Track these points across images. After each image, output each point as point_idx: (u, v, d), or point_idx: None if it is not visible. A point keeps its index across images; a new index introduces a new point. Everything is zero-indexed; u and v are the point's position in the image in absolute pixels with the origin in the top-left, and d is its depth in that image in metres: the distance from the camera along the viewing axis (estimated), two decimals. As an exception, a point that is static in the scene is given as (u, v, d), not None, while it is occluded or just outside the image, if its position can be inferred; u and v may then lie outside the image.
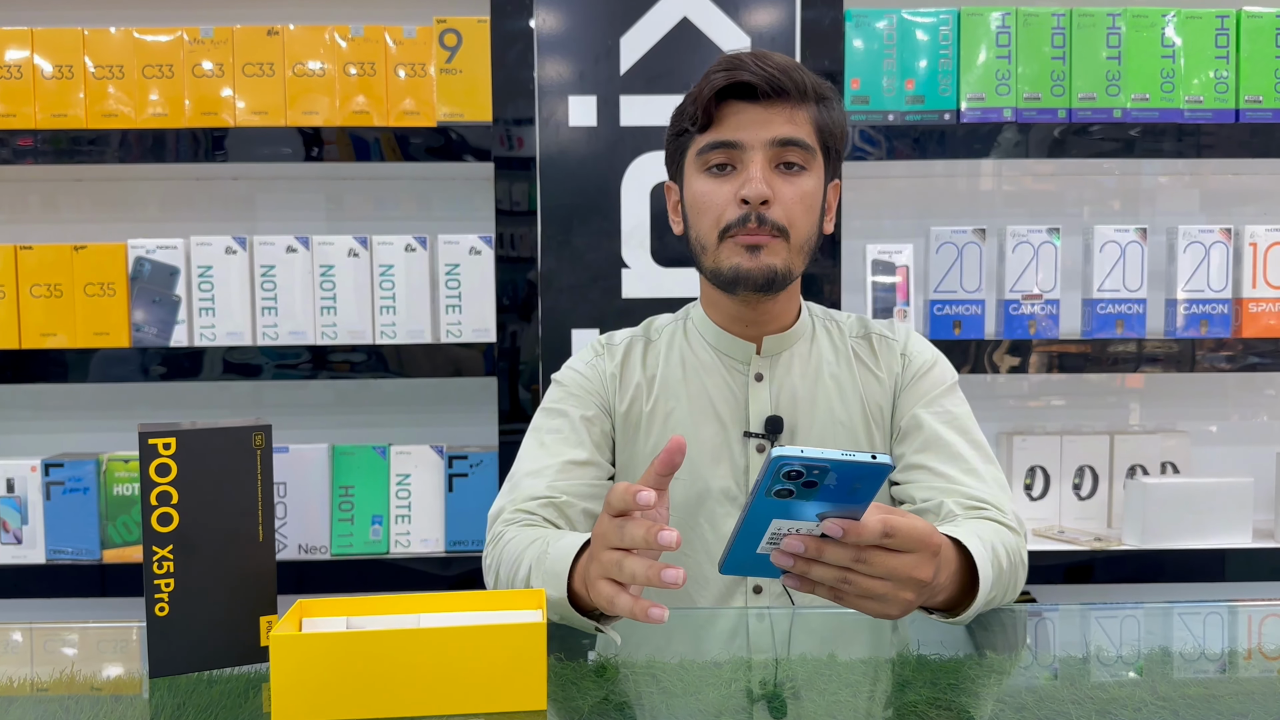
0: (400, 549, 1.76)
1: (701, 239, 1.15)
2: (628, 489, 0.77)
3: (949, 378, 1.22)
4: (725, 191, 1.11)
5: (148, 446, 0.78)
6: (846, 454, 0.67)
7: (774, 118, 1.10)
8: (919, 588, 0.79)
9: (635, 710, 0.78)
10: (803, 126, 1.11)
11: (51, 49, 1.70)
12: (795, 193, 1.11)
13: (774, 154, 1.11)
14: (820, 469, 0.67)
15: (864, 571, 0.77)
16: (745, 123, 1.10)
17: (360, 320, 1.74)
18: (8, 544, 1.74)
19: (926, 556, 0.79)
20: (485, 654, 0.73)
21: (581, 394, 1.21)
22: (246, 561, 0.82)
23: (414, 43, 1.71)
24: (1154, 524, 1.75)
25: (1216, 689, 0.83)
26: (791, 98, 1.10)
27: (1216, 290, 1.78)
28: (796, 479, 0.68)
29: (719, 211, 1.12)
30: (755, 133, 1.10)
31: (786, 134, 1.10)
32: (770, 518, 0.72)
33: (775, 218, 1.10)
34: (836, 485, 0.69)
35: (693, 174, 1.15)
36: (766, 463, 0.68)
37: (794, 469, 0.67)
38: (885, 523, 0.75)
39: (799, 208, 1.12)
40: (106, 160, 1.70)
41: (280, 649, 0.72)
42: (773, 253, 1.11)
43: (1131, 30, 1.74)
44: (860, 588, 0.77)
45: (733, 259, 1.12)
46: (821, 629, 1.02)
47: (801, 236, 1.13)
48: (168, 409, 1.96)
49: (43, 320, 1.72)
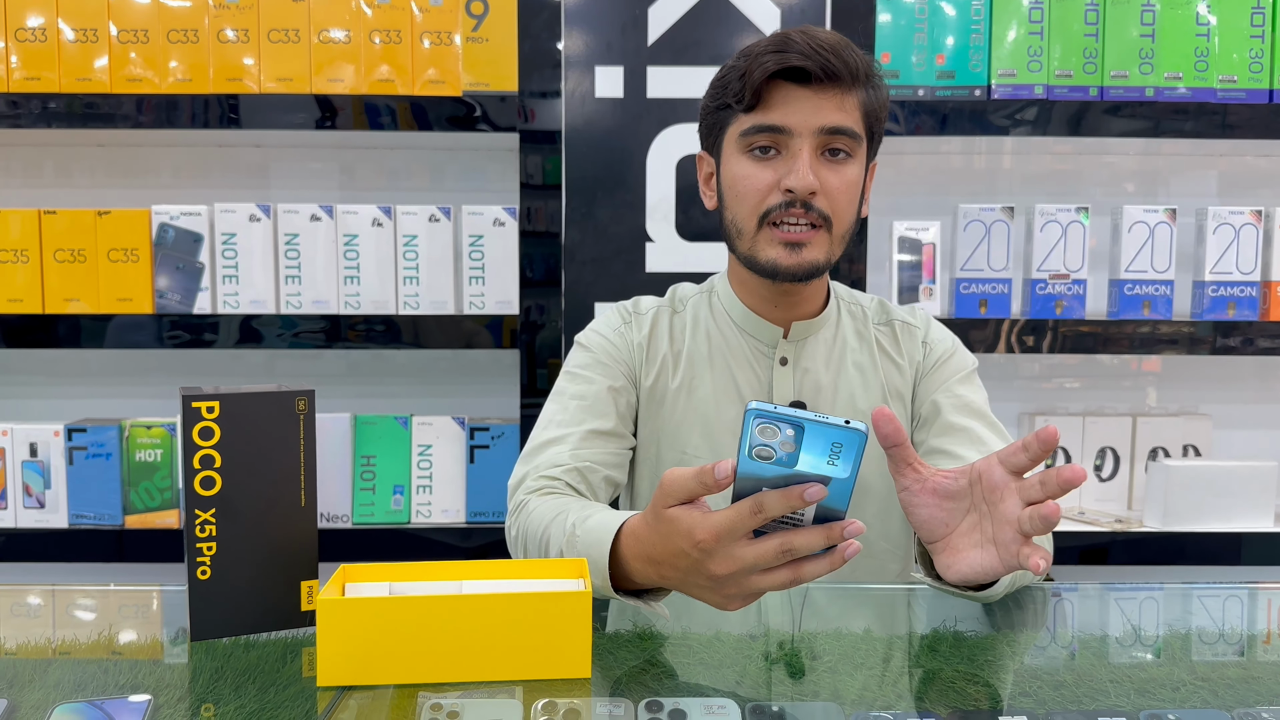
0: (421, 519, 1.76)
1: (739, 223, 1.12)
2: (692, 475, 0.73)
3: (968, 364, 1.23)
4: (768, 177, 1.09)
5: (190, 410, 0.77)
6: (820, 416, 0.67)
7: (824, 104, 1.07)
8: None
9: (675, 679, 0.78)
10: (851, 113, 1.08)
11: (75, 13, 1.69)
12: (841, 182, 1.09)
13: (821, 141, 1.08)
14: (794, 428, 0.67)
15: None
16: (794, 108, 1.07)
17: (383, 290, 1.73)
18: (31, 508, 1.74)
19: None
20: (531, 621, 0.73)
21: (610, 362, 1.20)
22: (288, 526, 0.82)
23: (440, 11, 1.70)
24: (1175, 506, 1.75)
25: (1255, 670, 0.82)
26: (843, 82, 1.07)
27: (1245, 272, 1.76)
28: (773, 438, 0.67)
29: (760, 197, 1.09)
30: (804, 119, 1.07)
31: (836, 122, 1.07)
32: (759, 486, 0.71)
33: (820, 207, 1.08)
34: (814, 450, 0.68)
35: (733, 153, 1.12)
36: (745, 418, 0.67)
37: (769, 425, 0.67)
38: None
39: (843, 198, 1.10)
40: (130, 125, 1.69)
41: (327, 612, 0.72)
42: (814, 247, 1.09)
43: (1165, 8, 1.72)
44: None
45: (769, 252, 1.10)
46: (829, 605, 1.01)
47: (844, 226, 1.12)
48: (189, 376, 1.96)
49: (66, 285, 1.72)
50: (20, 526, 1.74)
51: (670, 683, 0.77)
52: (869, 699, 0.74)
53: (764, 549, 0.72)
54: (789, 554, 0.72)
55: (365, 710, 0.72)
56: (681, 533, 0.75)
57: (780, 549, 0.72)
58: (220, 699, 0.73)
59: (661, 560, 0.79)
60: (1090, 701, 0.74)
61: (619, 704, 0.71)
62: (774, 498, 0.69)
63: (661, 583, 0.83)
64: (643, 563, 0.83)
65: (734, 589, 0.76)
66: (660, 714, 0.69)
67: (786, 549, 0.72)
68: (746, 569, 0.73)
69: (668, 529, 0.77)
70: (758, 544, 0.72)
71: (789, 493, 0.69)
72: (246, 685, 0.75)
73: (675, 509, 0.76)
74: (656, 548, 0.79)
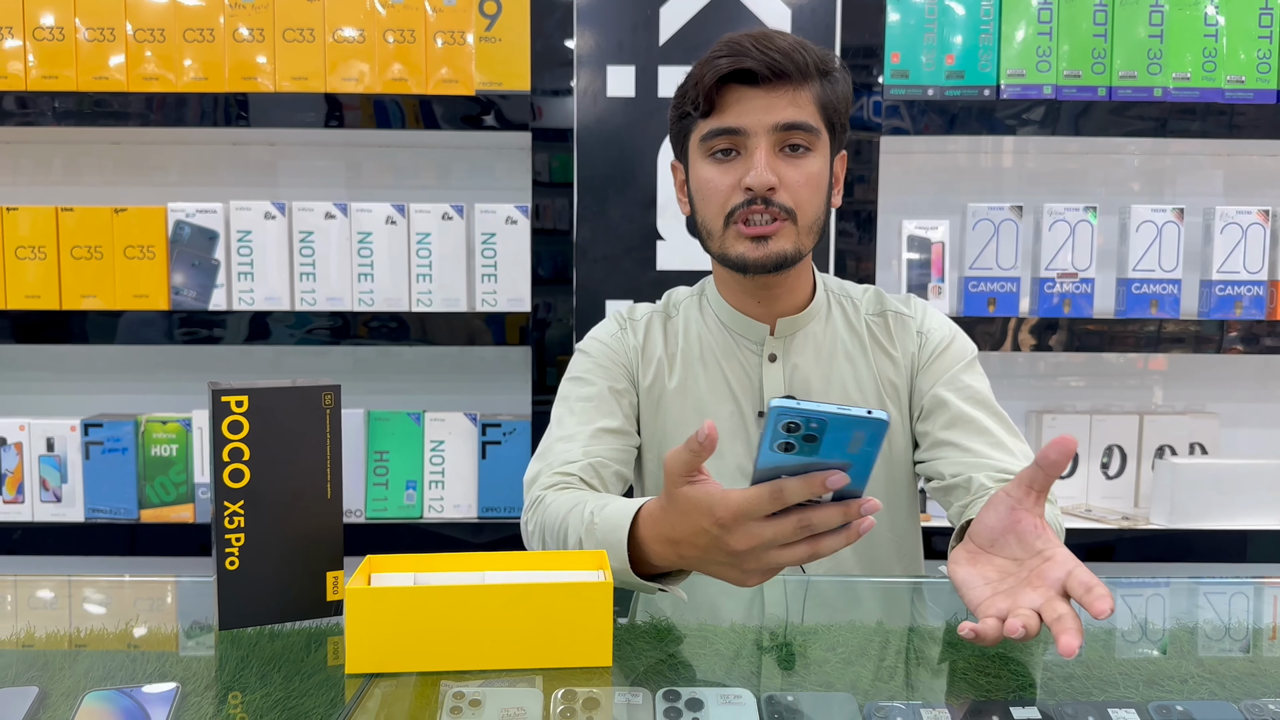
0: (434, 514, 1.78)
1: (708, 224, 1.15)
2: (684, 447, 0.77)
3: (968, 352, 1.22)
4: (729, 178, 1.12)
5: (220, 404, 0.79)
6: (842, 408, 0.68)
7: (776, 101, 1.09)
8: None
9: (692, 669, 0.80)
10: (805, 108, 1.11)
11: (92, 12, 1.70)
12: (800, 176, 1.11)
13: (778, 138, 1.10)
14: (819, 422, 0.68)
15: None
16: (748, 109, 1.10)
17: (397, 287, 1.75)
18: (48, 502, 1.76)
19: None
20: (554, 611, 0.75)
21: (610, 365, 1.23)
22: (315, 518, 0.84)
23: (454, 10, 1.71)
24: (1182, 504, 1.76)
25: (1262, 664, 0.84)
26: (793, 79, 1.09)
27: (1252, 272, 1.77)
28: (795, 432, 0.69)
29: (724, 198, 1.12)
30: (758, 118, 1.09)
31: (789, 118, 1.09)
32: (779, 474, 0.72)
33: (781, 202, 1.10)
34: (836, 440, 0.70)
35: (697, 159, 1.15)
36: (768, 415, 0.69)
37: (793, 421, 0.68)
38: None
39: (805, 190, 1.12)
40: (145, 124, 1.71)
41: (356, 602, 0.74)
42: (781, 238, 1.11)
43: (1174, 9, 1.73)
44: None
45: (737, 248, 1.12)
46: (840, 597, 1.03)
47: (810, 218, 1.13)
48: (204, 372, 1.97)
49: (82, 282, 1.73)
50: (37, 520, 1.76)
51: (687, 672, 0.79)
52: (882, 689, 0.76)
53: (783, 526, 0.74)
54: (807, 530, 0.74)
55: (390, 698, 0.73)
56: (702, 510, 0.77)
57: (799, 524, 0.74)
58: (247, 687, 0.75)
59: (680, 539, 0.81)
60: (1099, 693, 0.76)
61: (637, 693, 0.73)
62: (795, 484, 0.71)
63: (680, 563, 0.85)
64: (661, 544, 0.85)
65: (753, 564, 0.78)
66: (678, 703, 0.71)
67: (805, 524, 0.74)
68: (765, 544, 0.75)
69: (686, 506, 0.79)
70: (777, 521, 0.74)
71: (810, 480, 0.71)
72: (272, 674, 0.77)
73: (687, 488, 0.79)
74: (676, 527, 0.81)
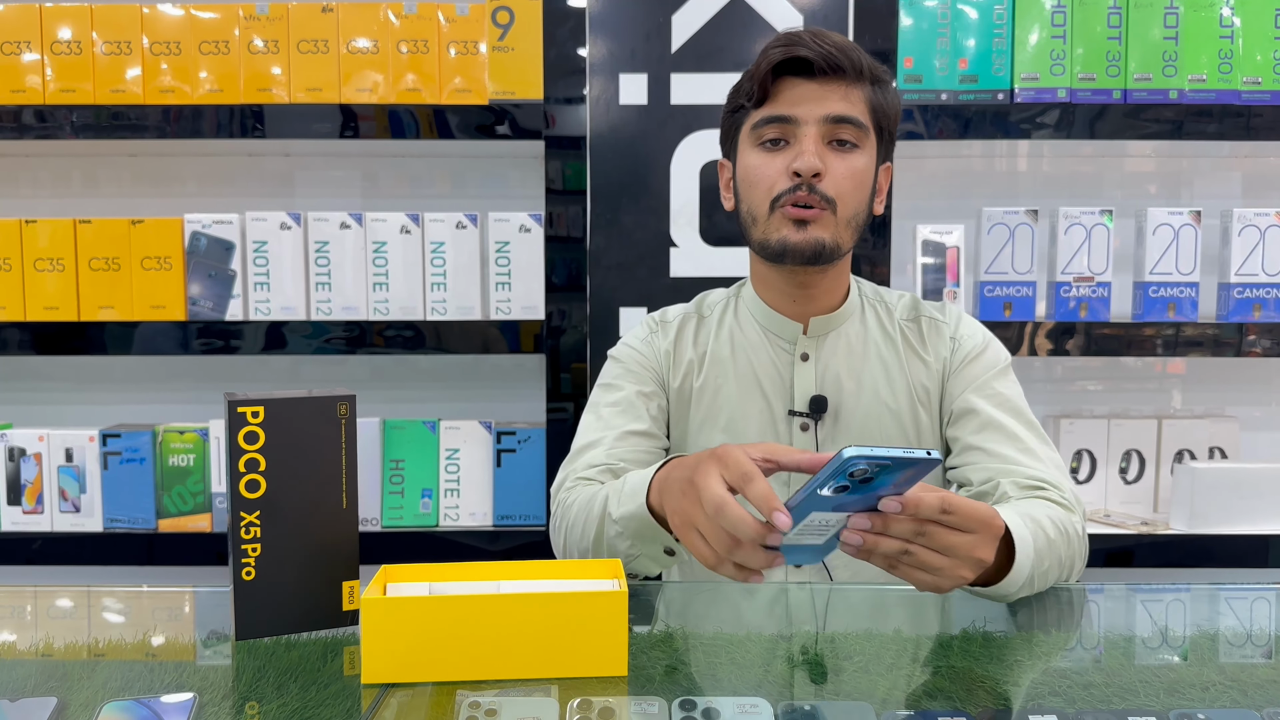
0: (449, 522, 1.78)
1: (753, 210, 1.16)
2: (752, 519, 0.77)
3: (1001, 360, 1.22)
4: (777, 164, 1.13)
5: (236, 414, 0.79)
6: (906, 451, 0.69)
7: (829, 94, 1.11)
8: (977, 566, 0.81)
9: (708, 678, 0.79)
10: (857, 105, 1.12)
11: (109, 25, 1.72)
12: (846, 168, 1.12)
13: (827, 130, 1.12)
14: (882, 465, 0.69)
15: (924, 544, 0.79)
16: (800, 98, 1.12)
17: (411, 297, 1.75)
18: (66, 512, 1.77)
19: (988, 538, 0.81)
20: (569, 620, 0.75)
21: (639, 370, 1.25)
22: (330, 528, 0.84)
23: (466, 20, 1.72)
24: (1202, 509, 1.74)
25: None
26: (847, 76, 1.11)
27: (1271, 274, 1.76)
28: (856, 476, 0.70)
29: (770, 183, 1.13)
30: (810, 108, 1.11)
31: (840, 111, 1.11)
32: (812, 510, 0.73)
33: (824, 190, 1.11)
34: (888, 479, 0.71)
35: (746, 148, 1.17)
36: (835, 462, 0.69)
37: (861, 468, 0.69)
38: (944, 500, 0.77)
39: (849, 183, 1.13)
40: (162, 135, 1.72)
41: (372, 611, 0.74)
42: (821, 226, 1.12)
43: (1189, 10, 1.72)
44: (918, 559, 0.79)
45: (780, 231, 1.13)
46: (862, 604, 1.02)
47: (850, 210, 1.14)
48: (221, 382, 1.99)
49: (100, 293, 1.75)
50: (56, 530, 1.77)
51: (703, 681, 0.79)
52: (900, 699, 0.75)
53: (746, 523, 0.75)
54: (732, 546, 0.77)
55: (406, 708, 0.73)
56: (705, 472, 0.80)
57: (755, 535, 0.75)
58: (263, 697, 0.75)
59: (680, 464, 0.88)
60: (1120, 701, 0.75)
61: (653, 702, 0.73)
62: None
63: (664, 489, 0.90)
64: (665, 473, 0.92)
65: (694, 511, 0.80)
66: (694, 712, 0.70)
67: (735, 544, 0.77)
68: (727, 521, 0.76)
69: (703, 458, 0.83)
70: (745, 515, 0.75)
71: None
72: (289, 684, 0.77)
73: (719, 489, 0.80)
74: (684, 463, 0.87)
